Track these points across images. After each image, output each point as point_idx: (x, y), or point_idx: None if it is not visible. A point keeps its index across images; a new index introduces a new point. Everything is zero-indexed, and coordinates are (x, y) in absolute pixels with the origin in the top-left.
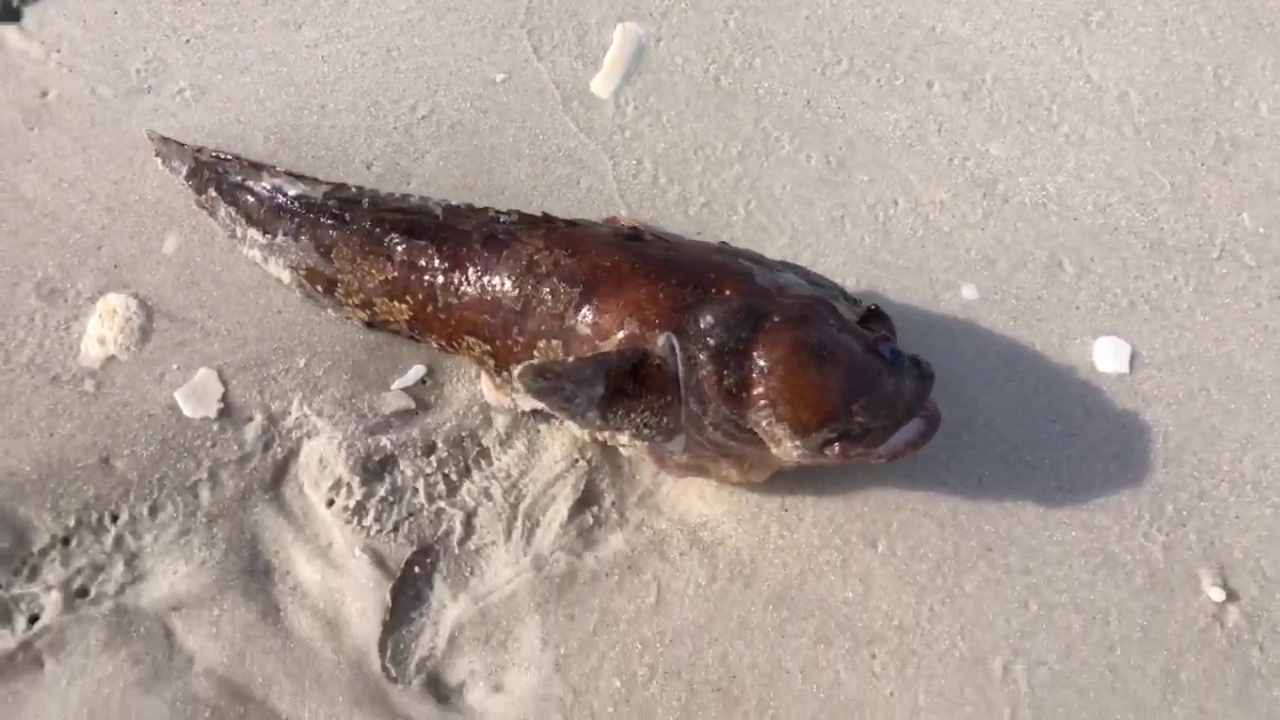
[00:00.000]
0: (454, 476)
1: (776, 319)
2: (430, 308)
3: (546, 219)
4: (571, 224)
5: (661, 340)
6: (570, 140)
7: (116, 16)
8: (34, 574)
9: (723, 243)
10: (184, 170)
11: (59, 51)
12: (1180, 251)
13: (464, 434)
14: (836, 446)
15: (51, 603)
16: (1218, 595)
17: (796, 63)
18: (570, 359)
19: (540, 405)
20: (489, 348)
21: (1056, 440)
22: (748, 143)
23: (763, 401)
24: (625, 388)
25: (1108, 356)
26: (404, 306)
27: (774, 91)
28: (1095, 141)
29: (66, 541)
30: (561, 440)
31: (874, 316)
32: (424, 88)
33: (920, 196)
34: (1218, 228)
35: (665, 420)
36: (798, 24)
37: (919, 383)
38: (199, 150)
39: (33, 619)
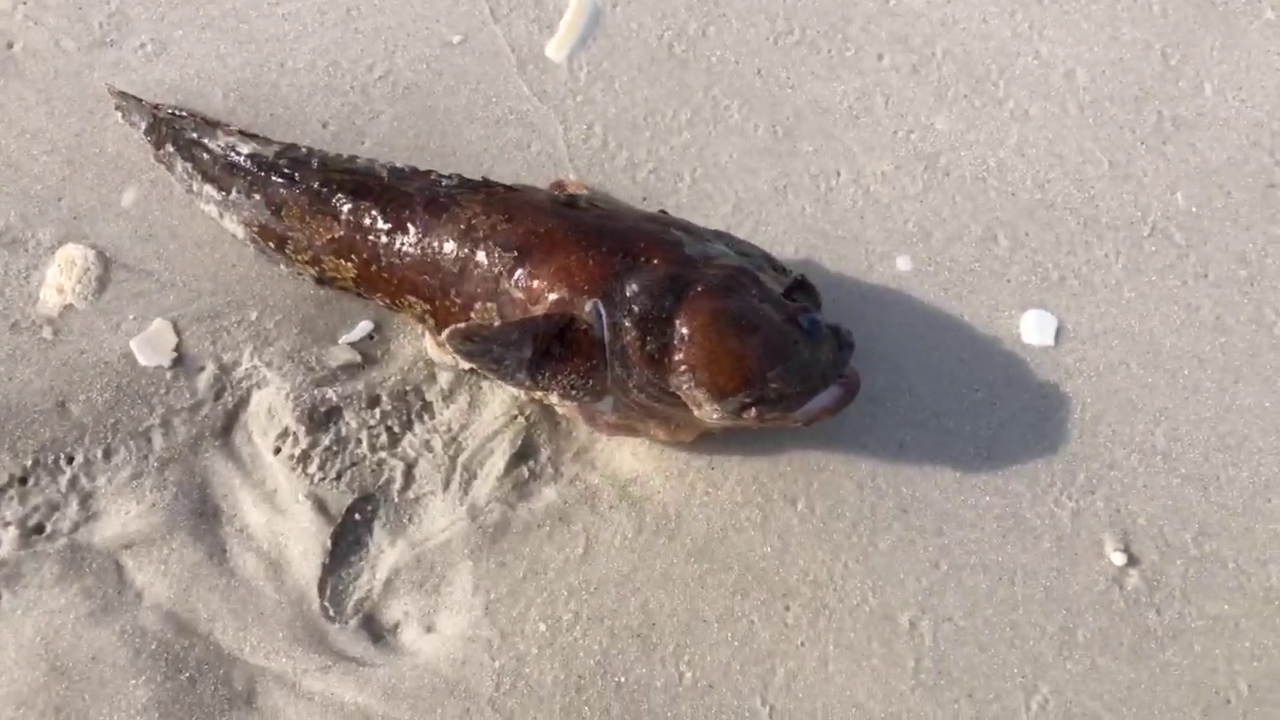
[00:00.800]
0: (396, 429)
1: (700, 288)
2: (374, 267)
3: (486, 184)
4: (510, 189)
5: (589, 306)
6: (523, 104)
7: None
8: None
9: (661, 210)
10: (143, 125)
11: (25, 4)
12: (1113, 229)
13: (408, 388)
14: (753, 411)
15: (8, 538)
16: (1119, 560)
17: (750, 31)
18: (498, 323)
19: None
20: (429, 307)
21: (978, 409)
22: (697, 110)
23: (683, 367)
24: (552, 351)
25: (1033, 329)
26: (349, 265)
27: (726, 60)
28: (1039, 118)
29: (24, 481)
30: (502, 397)
31: (799, 287)
32: (381, 48)
33: (863, 168)
34: (1151, 206)
35: (591, 382)
36: None
37: (838, 351)
38: (157, 106)
39: None
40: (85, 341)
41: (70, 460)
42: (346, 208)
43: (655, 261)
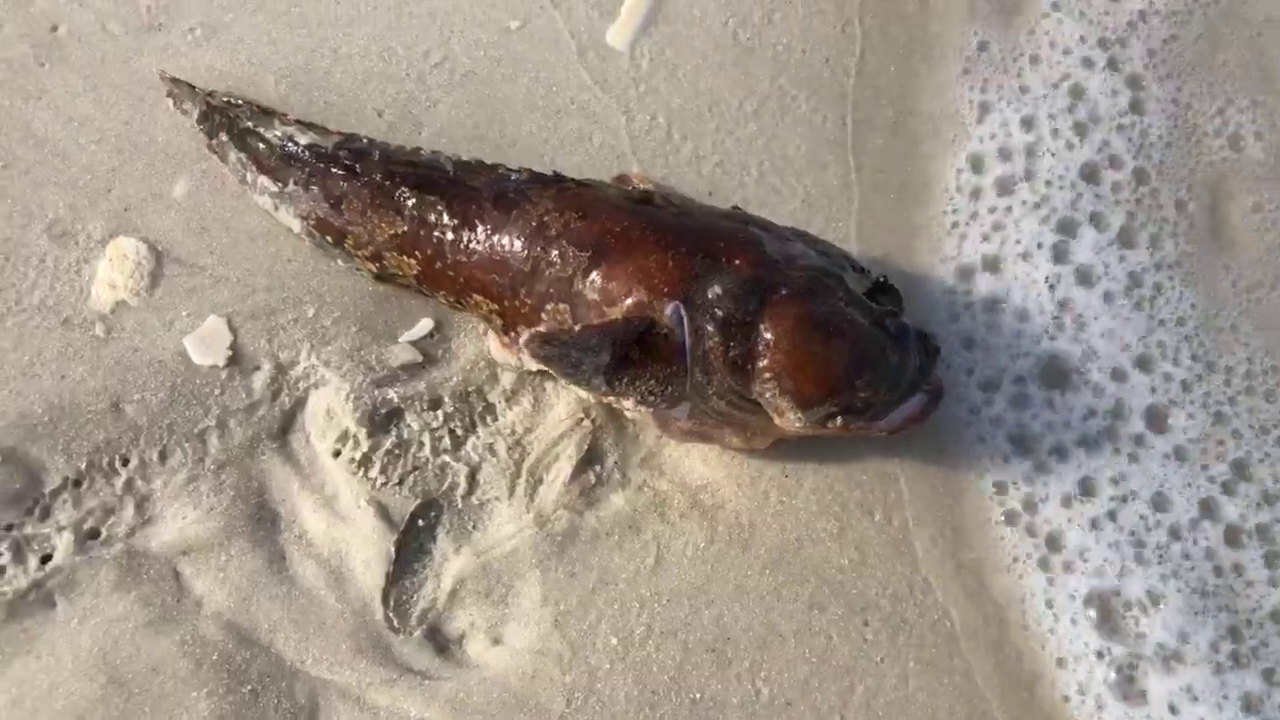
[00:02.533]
0: (459, 431)
1: (784, 292)
2: (439, 264)
3: (558, 178)
4: (583, 185)
5: (669, 309)
6: (584, 93)
7: None
8: (45, 514)
9: (734, 207)
10: (195, 113)
11: None
12: None
13: (470, 389)
14: (839, 420)
15: (63, 543)
16: None
17: (816, 19)
18: (577, 326)
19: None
20: (496, 307)
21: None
22: (763, 101)
23: (767, 374)
24: (631, 356)
25: None
26: (413, 261)
27: (792, 49)
28: None
29: (78, 483)
30: (567, 399)
31: (882, 289)
32: (438, 34)
33: None
34: None
35: (670, 389)
36: None
37: (924, 357)
38: (210, 94)
39: (45, 559)
40: (139, 339)
41: (125, 462)
42: (411, 202)
43: (737, 263)
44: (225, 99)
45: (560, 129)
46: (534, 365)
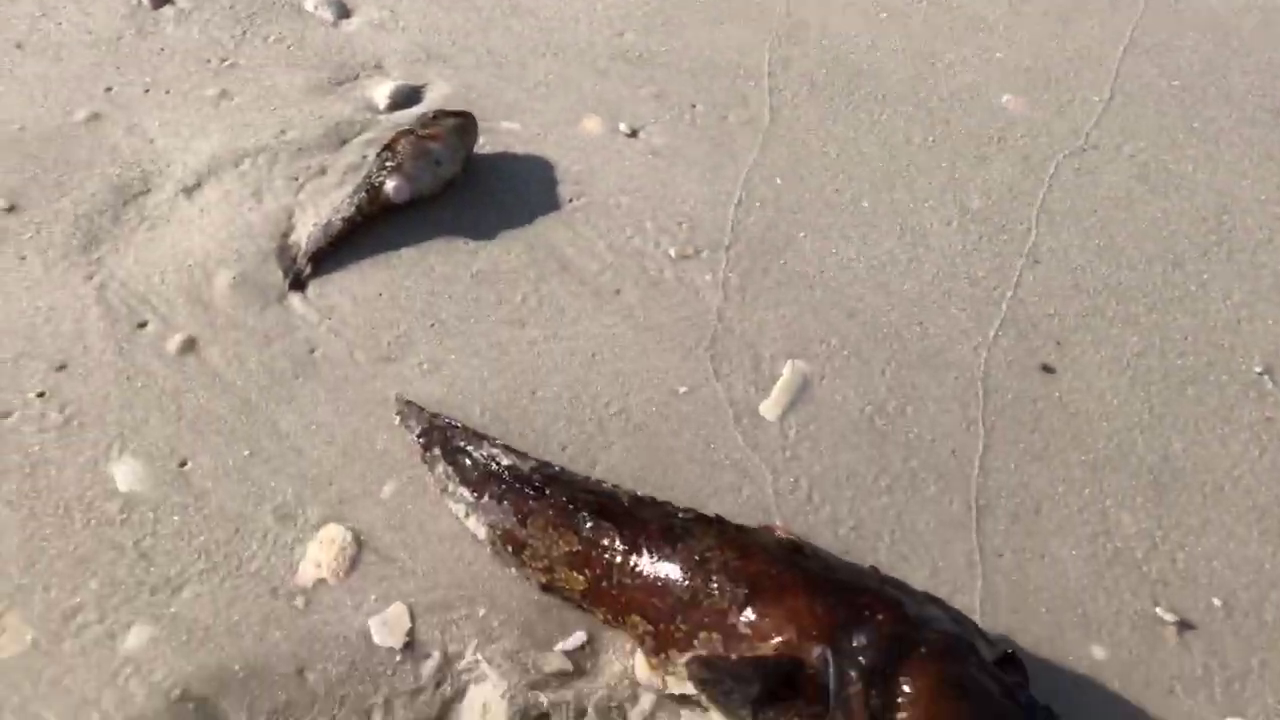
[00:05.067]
0: None
1: (924, 650)
2: (605, 583)
3: (719, 521)
4: (740, 529)
5: (818, 652)
6: (737, 452)
7: (380, 298)
8: None
9: (872, 567)
10: (417, 429)
11: (330, 319)
12: None
13: (612, 704)
14: None
15: None
16: None
17: (944, 416)
18: (734, 657)
19: (687, 691)
20: (652, 629)
21: None
22: (896, 479)
23: None
24: (779, 692)
25: None
26: (581, 578)
27: (922, 438)
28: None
29: None
30: None
31: (1009, 661)
32: (618, 389)
33: (1059, 555)
34: None
35: None
36: (948, 382)
37: None
38: (435, 415)
39: None
40: (331, 615)
41: None
42: (588, 525)
43: (880, 617)
44: (446, 420)
45: (714, 480)
46: (677, 689)
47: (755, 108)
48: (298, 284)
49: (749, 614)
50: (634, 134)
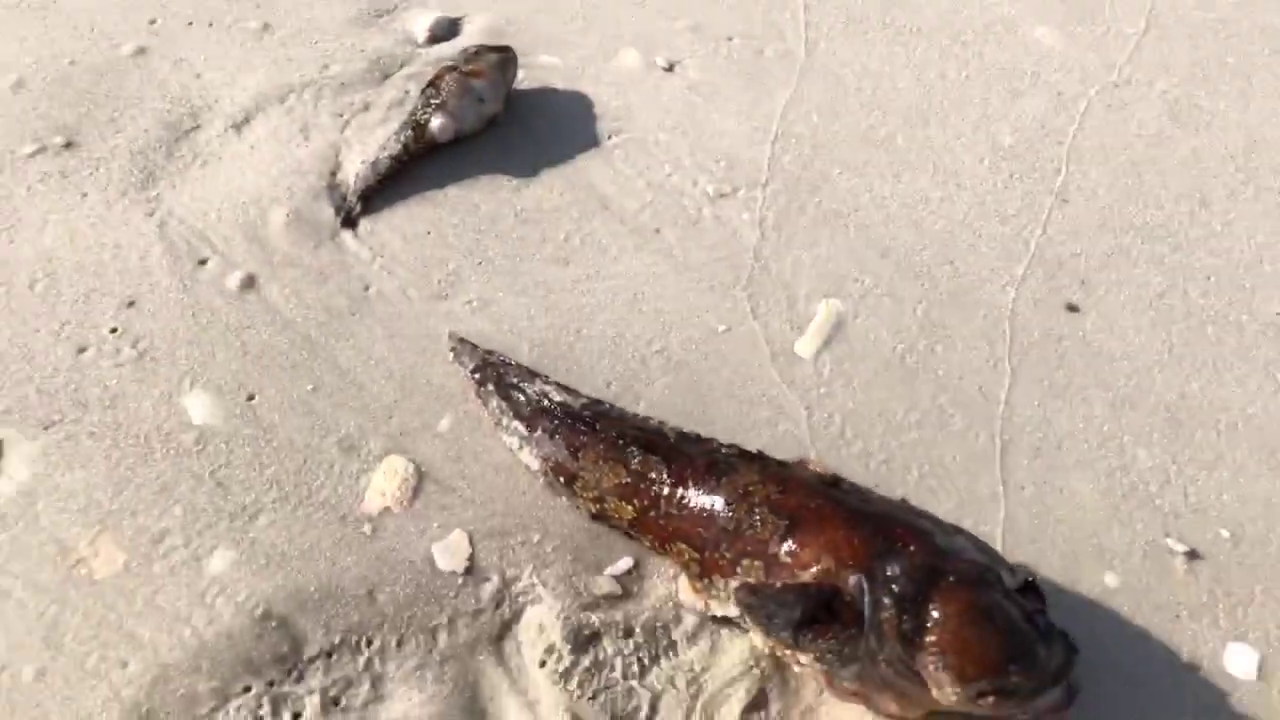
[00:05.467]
0: (645, 661)
1: (952, 579)
2: (653, 513)
3: (760, 456)
4: (781, 464)
5: (854, 580)
6: (773, 389)
7: (429, 236)
8: (300, 678)
9: (903, 499)
10: (471, 365)
11: (382, 257)
12: None
13: (658, 625)
14: (991, 699)
15: (311, 705)
16: None
17: (972, 353)
18: (776, 584)
19: (728, 614)
20: (697, 556)
21: None
22: (925, 414)
23: (933, 649)
24: (818, 616)
25: (1237, 661)
26: (630, 508)
27: (950, 375)
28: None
29: (329, 655)
30: (740, 647)
31: (1029, 588)
32: (659, 328)
33: (1076, 489)
34: None
35: (846, 650)
36: (976, 321)
37: (1065, 654)
38: (489, 352)
39: (295, 716)
40: (396, 541)
41: (369, 644)
42: (637, 459)
43: (911, 548)
44: (499, 357)
45: (751, 415)
46: (719, 611)
47: (791, 41)
48: (349, 222)
49: (789, 544)
50: (670, 68)
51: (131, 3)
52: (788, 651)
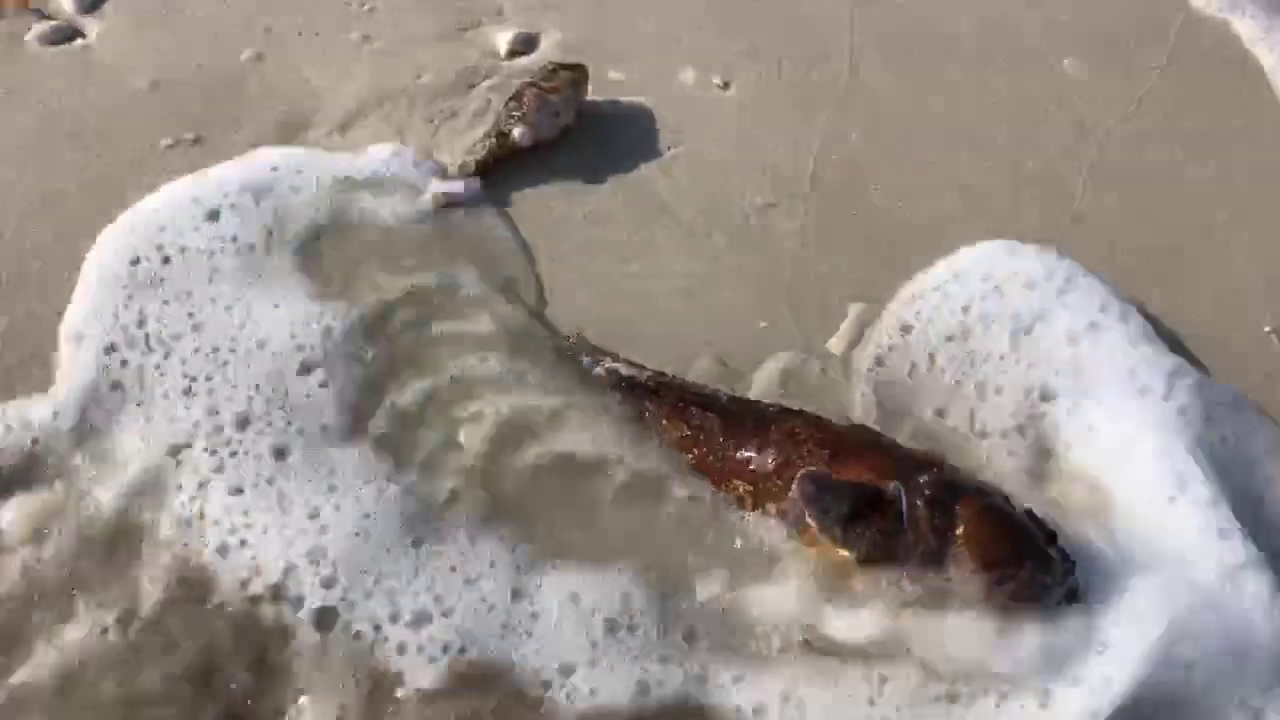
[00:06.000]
0: None
1: (975, 489)
2: (710, 458)
3: (802, 410)
4: (819, 418)
5: (892, 487)
6: (809, 380)
7: (504, 232)
8: None
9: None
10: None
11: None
12: None
13: None
14: (1009, 585)
15: None
16: None
17: None
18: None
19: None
20: (751, 488)
21: None
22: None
23: (959, 540)
24: (864, 512)
25: None
26: (689, 457)
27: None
28: None
29: None
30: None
31: (1031, 516)
32: (708, 321)
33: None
34: None
35: (886, 542)
36: None
37: (1066, 561)
38: (566, 335)
39: None
40: None
41: None
42: (695, 417)
43: (935, 470)
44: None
45: (785, 402)
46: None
47: (836, 64)
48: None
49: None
50: (725, 86)
51: (249, 14)
52: (839, 544)
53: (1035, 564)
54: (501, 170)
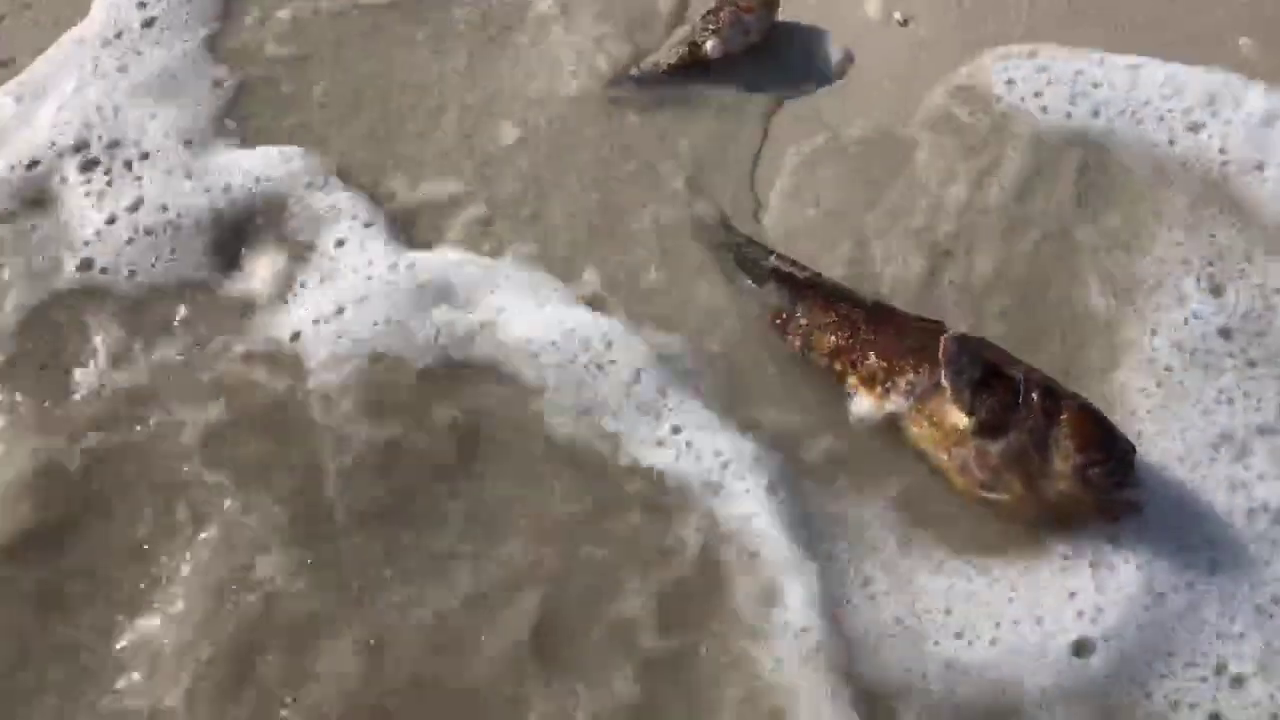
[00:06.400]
0: None
1: (1072, 392)
2: (850, 340)
3: (938, 321)
4: (937, 322)
5: (1014, 370)
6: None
7: (685, 136)
8: None
9: None
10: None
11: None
12: None
13: None
14: (1098, 470)
15: None
16: None
17: None
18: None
19: (899, 409)
20: (885, 364)
21: None
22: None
23: (1064, 423)
24: (990, 382)
25: None
26: (833, 340)
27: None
28: None
29: None
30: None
31: None
32: (860, 244)
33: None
34: None
35: (1000, 416)
36: None
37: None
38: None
39: None
40: None
41: None
42: (842, 309)
43: (1035, 374)
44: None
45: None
46: (890, 408)
47: (1014, 12)
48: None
49: None
50: (905, 23)
51: None
52: (962, 410)
53: (1120, 460)
54: (690, 77)
